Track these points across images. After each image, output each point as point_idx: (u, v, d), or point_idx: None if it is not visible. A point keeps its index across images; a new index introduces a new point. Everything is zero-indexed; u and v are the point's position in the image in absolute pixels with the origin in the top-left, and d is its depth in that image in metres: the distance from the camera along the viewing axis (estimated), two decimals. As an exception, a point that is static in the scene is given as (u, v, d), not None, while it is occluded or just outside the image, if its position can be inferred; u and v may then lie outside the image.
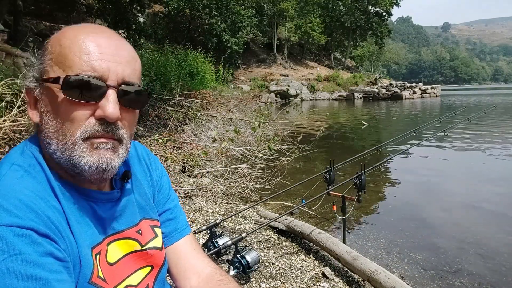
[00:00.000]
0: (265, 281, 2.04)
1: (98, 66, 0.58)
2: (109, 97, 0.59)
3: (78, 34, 0.60)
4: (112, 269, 0.65)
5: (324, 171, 2.92)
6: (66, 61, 0.58)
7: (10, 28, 10.17)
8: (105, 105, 0.58)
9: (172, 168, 3.99)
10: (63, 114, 0.58)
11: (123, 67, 0.61)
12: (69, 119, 0.58)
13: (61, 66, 0.58)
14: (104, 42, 0.60)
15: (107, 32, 0.63)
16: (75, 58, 0.58)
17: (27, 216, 0.51)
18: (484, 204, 4.08)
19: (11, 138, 2.74)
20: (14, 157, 0.60)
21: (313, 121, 12.69)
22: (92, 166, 0.58)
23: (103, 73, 0.58)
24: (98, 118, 0.58)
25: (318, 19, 37.04)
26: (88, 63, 0.58)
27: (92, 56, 0.58)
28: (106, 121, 0.59)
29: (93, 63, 0.58)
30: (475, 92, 49.21)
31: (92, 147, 0.59)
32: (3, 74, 3.50)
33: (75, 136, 0.58)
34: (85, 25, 0.63)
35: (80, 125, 0.58)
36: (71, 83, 0.57)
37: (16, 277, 0.46)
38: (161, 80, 7.88)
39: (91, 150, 0.59)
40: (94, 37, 0.60)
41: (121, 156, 0.62)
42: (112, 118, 0.58)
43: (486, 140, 8.28)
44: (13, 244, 0.47)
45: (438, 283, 2.43)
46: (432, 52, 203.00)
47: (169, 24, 25.41)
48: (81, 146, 0.58)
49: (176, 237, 0.83)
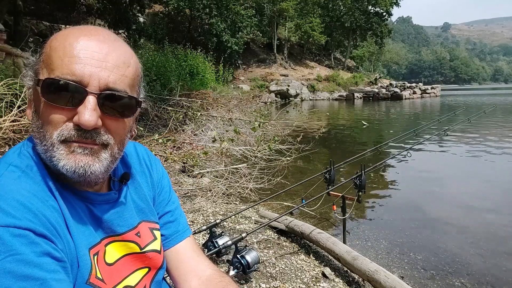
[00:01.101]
0: (265, 281, 2.04)
1: (78, 71, 0.56)
2: (87, 103, 0.56)
3: (68, 36, 0.59)
4: (110, 270, 0.65)
5: (324, 171, 2.92)
6: (51, 63, 0.58)
7: (10, 28, 10.16)
8: (81, 112, 0.56)
9: (172, 168, 3.98)
10: (43, 115, 0.58)
11: (108, 73, 0.58)
12: (47, 121, 0.57)
13: (48, 68, 0.58)
14: (93, 46, 0.58)
15: (101, 35, 0.60)
16: (58, 60, 0.57)
17: (24, 216, 0.50)
18: (484, 204, 4.08)
19: (11, 138, 2.74)
20: (11, 158, 0.60)
21: (313, 121, 12.68)
22: (69, 170, 0.57)
23: (83, 78, 0.56)
24: (76, 124, 0.57)
25: (318, 19, 37.04)
26: (68, 66, 0.56)
27: (74, 60, 0.56)
28: (80, 127, 0.57)
29: (74, 67, 0.56)
30: (475, 92, 49.19)
31: (69, 150, 0.57)
32: (3, 74, 3.50)
33: (53, 138, 0.57)
34: (80, 27, 0.62)
35: (56, 127, 0.57)
36: (49, 86, 0.56)
37: (14, 277, 0.46)
38: (161, 80, 7.89)
39: (68, 153, 0.57)
40: (84, 40, 0.58)
41: (104, 161, 0.60)
42: (86, 126, 0.56)
43: (486, 140, 8.27)
44: (11, 244, 0.47)
45: (438, 283, 2.43)
46: (432, 52, 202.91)
47: (169, 24, 25.40)
48: (59, 148, 0.57)
49: (177, 239, 0.83)
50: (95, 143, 0.59)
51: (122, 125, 0.63)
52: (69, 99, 0.56)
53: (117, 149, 0.63)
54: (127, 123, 0.64)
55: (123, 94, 0.60)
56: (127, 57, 0.62)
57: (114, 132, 0.61)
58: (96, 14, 15.45)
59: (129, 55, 0.63)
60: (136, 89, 0.65)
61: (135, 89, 0.64)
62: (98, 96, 0.57)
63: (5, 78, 3.11)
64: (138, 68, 0.65)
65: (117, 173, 0.73)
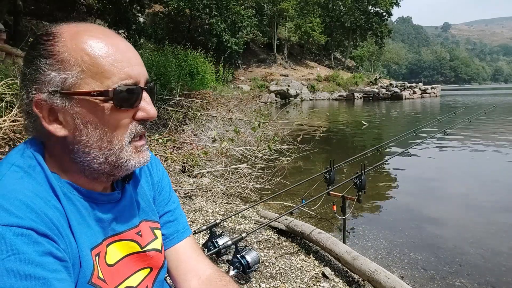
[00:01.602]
0: (265, 281, 2.04)
1: (132, 72, 0.61)
2: (146, 98, 0.63)
3: (98, 40, 0.59)
4: (111, 271, 0.65)
5: (324, 171, 2.92)
6: (103, 72, 0.58)
7: (10, 28, 10.16)
8: (145, 107, 0.63)
9: (172, 168, 3.98)
10: (109, 122, 0.60)
11: (143, 68, 0.64)
12: (115, 126, 0.61)
13: (97, 77, 0.58)
14: (123, 46, 0.62)
15: (114, 34, 0.64)
16: (111, 68, 0.59)
17: (27, 215, 0.51)
18: (484, 204, 4.08)
19: (11, 138, 2.74)
20: (14, 158, 0.60)
21: (313, 121, 12.68)
22: (137, 166, 0.64)
23: (137, 78, 0.61)
24: (139, 119, 0.63)
25: (318, 19, 37.06)
26: (123, 71, 0.60)
27: (124, 64, 0.60)
28: (145, 121, 0.64)
29: (127, 70, 0.60)
30: (475, 92, 49.20)
31: (136, 150, 0.64)
32: (3, 74, 3.49)
33: (124, 141, 0.62)
34: (93, 28, 0.62)
35: (125, 130, 0.62)
36: (119, 94, 0.59)
37: (16, 277, 0.46)
38: (161, 80, 7.88)
39: (136, 152, 0.64)
40: (113, 41, 0.61)
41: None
42: (155, 116, 0.64)
43: (486, 140, 8.28)
44: (13, 243, 0.47)
45: (438, 283, 2.43)
46: (432, 52, 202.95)
47: (169, 24, 25.41)
48: (128, 150, 0.62)
49: (177, 239, 0.83)
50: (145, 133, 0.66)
51: None
52: (134, 100, 0.61)
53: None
54: None
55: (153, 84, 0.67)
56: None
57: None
58: (96, 14, 15.46)
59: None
60: None
61: None
62: (146, 90, 0.64)
63: (5, 78, 3.11)
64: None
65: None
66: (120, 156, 0.62)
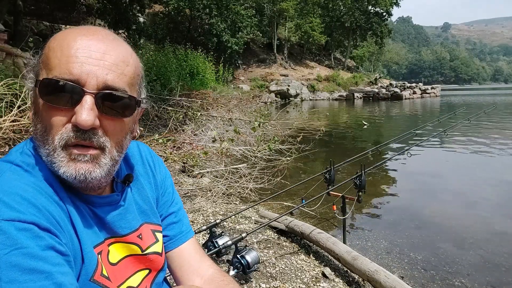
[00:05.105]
0: (265, 281, 2.04)
1: (75, 70, 0.55)
2: (84, 103, 0.55)
3: (67, 36, 0.58)
4: (114, 269, 0.65)
5: (324, 171, 2.92)
6: (49, 64, 0.57)
7: (10, 28, 10.16)
8: (78, 112, 0.55)
9: (172, 168, 3.98)
10: (44, 118, 0.57)
11: (107, 71, 0.57)
12: (49, 124, 0.57)
13: (46, 68, 0.57)
14: (91, 45, 0.57)
15: (100, 35, 0.59)
16: (56, 60, 0.56)
17: (29, 210, 0.51)
18: (484, 204, 4.08)
19: (11, 138, 2.74)
20: (14, 156, 0.60)
21: (313, 121, 12.68)
22: (69, 177, 0.57)
23: (80, 77, 0.55)
24: (73, 124, 0.56)
25: (318, 19, 37.03)
26: (66, 66, 0.55)
27: (71, 59, 0.55)
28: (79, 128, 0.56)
29: (71, 66, 0.55)
30: (475, 92, 49.17)
31: (70, 157, 0.57)
32: (3, 74, 3.50)
33: (54, 143, 0.56)
34: (79, 28, 0.61)
35: (57, 131, 0.56)
36: (46, 86, 0.56)
37: (19, 270, 0.46)
38: (161, 80, 7.89)
39: (68, 160, 0.57)
40: (81, 39, 0.57)
41: (104, 166, 0.59)
42: (84, 126, 0.55)
43: (486, 139, 8.27)
44: (16, 238, 0.48)
45: (438, 283, 2.43)
46: (432, 52, 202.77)
47: (169, 24, 25.41)
48: (60, 154, 0.56)
49: (180, 240, 0.83)
50: (95, 146, 0.58)
51: (120, 126, 0.61)
52: (67, 99, 0.55)
53: (116, 152, 0.61)
54: (126, 124, 0.63)
55: (121, 94, 0.59)
56: (126, 56, 0.61)
57: (112, 134, 0.60)
58: (96, 14, 15.45)
59: (128, 54, 0.62)
60: (136, 89, 0.64)
61: (135, 88, 0.63)
62: (95, 95, 0.56)
63: (5, 78, 3.11)
64: (138, 67, 0.64)
65: (120, 174, 0.72)
66: (53, 160, 0.57)
